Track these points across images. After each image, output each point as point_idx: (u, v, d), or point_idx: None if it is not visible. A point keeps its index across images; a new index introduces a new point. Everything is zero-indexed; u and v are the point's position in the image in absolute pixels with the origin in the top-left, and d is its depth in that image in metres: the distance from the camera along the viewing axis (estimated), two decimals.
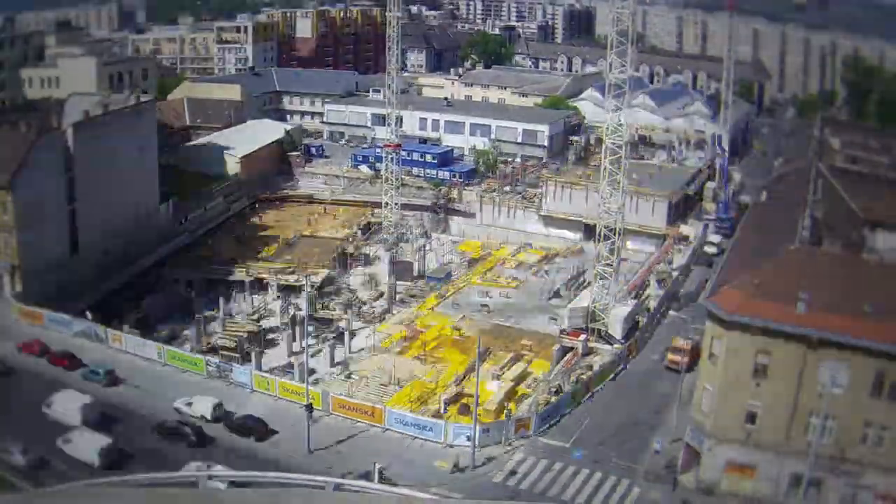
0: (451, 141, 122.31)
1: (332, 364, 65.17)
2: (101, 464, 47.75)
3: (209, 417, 54.57)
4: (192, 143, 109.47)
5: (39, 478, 45.98)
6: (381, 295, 78.54)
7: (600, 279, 67.79)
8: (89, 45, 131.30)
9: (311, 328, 63.48)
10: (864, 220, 60.72)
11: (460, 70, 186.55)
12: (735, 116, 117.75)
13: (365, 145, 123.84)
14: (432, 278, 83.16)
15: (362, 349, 67.93)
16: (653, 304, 73.98)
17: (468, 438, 51.18)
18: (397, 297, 78.46)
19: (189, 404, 55.45)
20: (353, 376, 63.22)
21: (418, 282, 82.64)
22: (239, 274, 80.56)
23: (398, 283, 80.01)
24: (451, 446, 52.45)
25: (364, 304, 76.87)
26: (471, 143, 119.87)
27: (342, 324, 70.85)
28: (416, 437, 53.50)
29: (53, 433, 49.98)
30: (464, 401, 57.57)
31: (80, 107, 79.69)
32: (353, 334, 69.40)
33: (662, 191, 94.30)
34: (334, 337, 68.99)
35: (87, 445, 48.72)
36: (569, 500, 48.16)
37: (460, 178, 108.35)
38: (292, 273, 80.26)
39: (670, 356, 63.31)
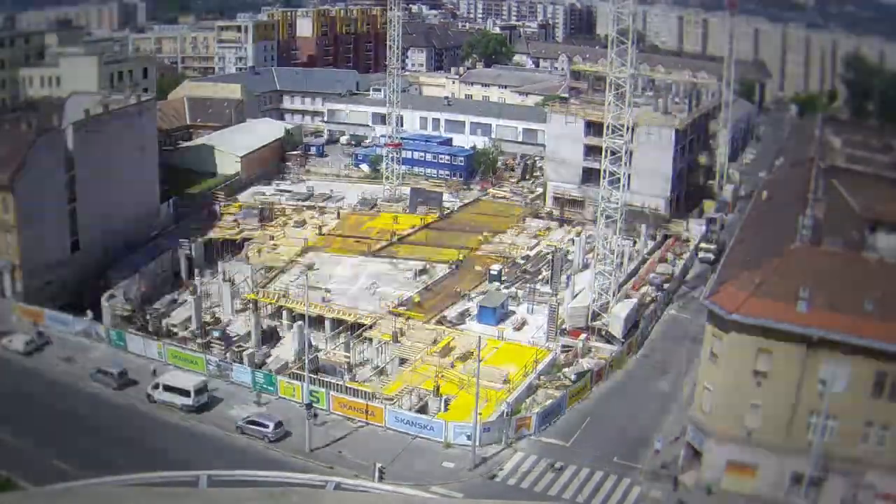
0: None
1: None
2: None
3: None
4: (192, 142, 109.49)
5: None
6: None
7: (600, 277, 67.74)
8: (90, 44, 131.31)
9: None
10: (864, 218, 60.53)
11: (461, 69, 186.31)
12: (736, 115, 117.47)
13: (366, 143, 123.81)
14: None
15: None
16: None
17: (468, 437, 51.17)
18: None
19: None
20: None
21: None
22: None
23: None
24: (451, 445, 52.52)
25: None
26: (471, 142, 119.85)
27: None
28: (415, 437, 53.54)
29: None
30: None
31: (80, 106, 79.64)
32: None
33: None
34: None
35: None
36: (569, 500, 48.16)
37: (460, 176, 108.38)
38: None
39: None
